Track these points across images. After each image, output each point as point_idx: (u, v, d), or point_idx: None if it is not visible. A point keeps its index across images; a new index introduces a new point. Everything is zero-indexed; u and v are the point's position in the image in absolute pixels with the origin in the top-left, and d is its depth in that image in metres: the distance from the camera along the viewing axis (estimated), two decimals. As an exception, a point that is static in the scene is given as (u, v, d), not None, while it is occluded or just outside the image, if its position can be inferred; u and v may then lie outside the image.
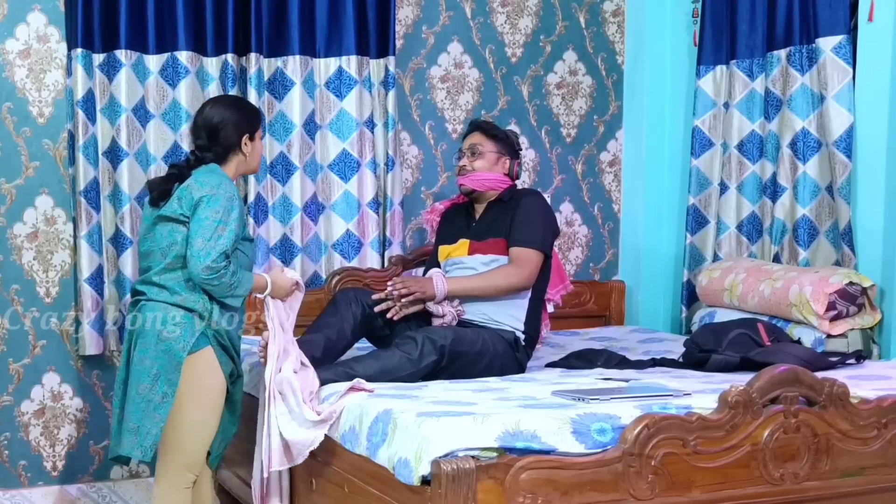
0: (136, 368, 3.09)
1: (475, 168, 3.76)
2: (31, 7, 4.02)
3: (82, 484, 4.18)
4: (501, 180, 3.77)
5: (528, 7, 4.76)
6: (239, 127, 3.25)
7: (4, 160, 4.02)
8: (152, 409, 3.06)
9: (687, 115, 4.69)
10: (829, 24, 3.93)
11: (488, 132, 3.81)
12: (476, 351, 3.45)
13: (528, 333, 3.66)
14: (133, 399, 3.08)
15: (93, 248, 4.03)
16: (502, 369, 3.50)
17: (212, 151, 3.23)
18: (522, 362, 3.62)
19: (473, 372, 3.42)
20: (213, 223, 3.05)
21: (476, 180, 3.75)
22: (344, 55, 4.34)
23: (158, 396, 3.06)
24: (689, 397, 2.87)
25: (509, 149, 3.82)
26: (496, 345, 3.52)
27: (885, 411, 2.86)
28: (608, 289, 4.89)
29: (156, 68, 4.11)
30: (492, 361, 3.48)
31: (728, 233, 4.47)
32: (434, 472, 2.45)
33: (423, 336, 3.36)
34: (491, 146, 3.78)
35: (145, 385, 3.06)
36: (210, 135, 3.23)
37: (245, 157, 3.27)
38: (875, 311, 3.78)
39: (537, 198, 3.78)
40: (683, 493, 2.63)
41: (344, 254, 4.39)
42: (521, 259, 3.60)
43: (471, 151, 3.78)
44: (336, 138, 4.37)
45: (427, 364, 3.32)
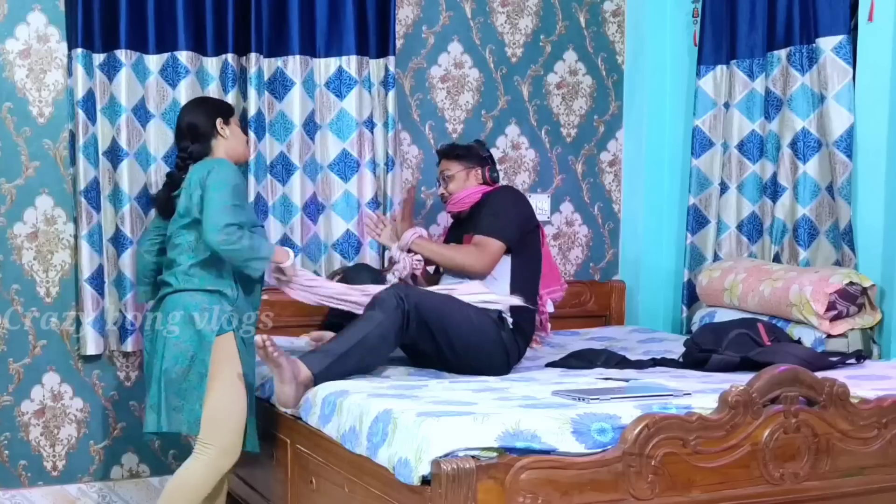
0: (172, 353, 3.27)
1: (451, 192, 3.94)
2: (31, 7, 4.02)
3: (82, 484, 4.18)
4: (479, 190, 3.91)
5: (528, 7, 4.76)
6: (210, 114, 3.47)
7: (4, 160, 4.02)
8: (192, 389, 3.27)
9: (687, 115, 4.69)
10: (829, 24, 3.94)
11: (450, 155, 3.99)
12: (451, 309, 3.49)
13: (515, 320, 3.67)
14: (174, 382, 3.28)
15: (93, 248, 4.03)
16: (485, 342, 3.52)
17: (196, 146, 3.43)
18: (508, 344, 3.60)
19: (456, 335, 3.45)
20: (221, 202, 3.23)
21: (457, 203, 3.94)
22: (344, 55, 4.34)
23: (196, 377, 3.27)
24: (689, 397, 2.87)
25: (476, 159, 3.96)
26: (479, 316, 3.54)
27: (885, 411, 2.86)
28: (608, 289, 4.89)
29: (156, 68, 4.11)
30: (473, 326, 3.50)
31: (728, 233, 4.47)
32: (434, 472, 2.45)
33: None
34: (457, 166, 3.94)
35: (182, 368, 3.27)
36: (190, 131, 3.46)
37: (225, 139, 3.46)
38: (875, 311, 3.78)
39: (506, 191, 3.93)
40: (683, 493, 2.63)
41: (344, 254, 4.39)
42: (480, 245, 3.71)
43: (443, 178, 3.98)
44: (336, 138, 4.37)
45: (390, 309, 3.34)
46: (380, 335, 3.33)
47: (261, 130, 4.24)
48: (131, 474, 4.24)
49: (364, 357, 3.33)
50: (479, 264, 3.68)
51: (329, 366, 3.26)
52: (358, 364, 3.32)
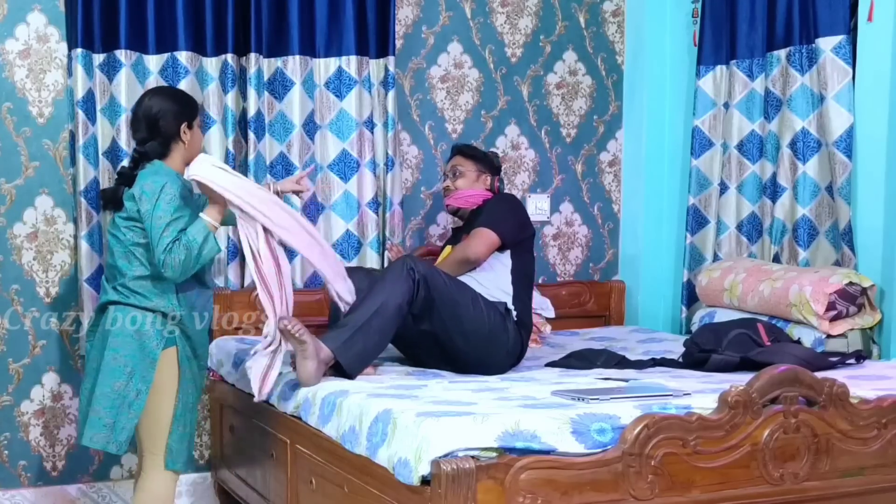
0: (110, 366, 3.19)
1: (457, 187, 3.99)
2: (31, 7, 4.02)
3: (82, 484, 4.18)
4: (482, 195, 3.96)
5: (528, 7, 4.76)
6: (177, 116, 3.30)
7: (4, 160, 4.02)
8: (127, 406, 3.19)
9: (687, 115, 4.69)
10: (829, 24, 3.93)
11: (467, 154, 4.06)
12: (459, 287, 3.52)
13: (518, 314, 3.70)
14: (107, 395, 3.19)
15: (93, 248, 4.04)
16: (494, 332, 3.54)
17: (153, 143, 3.29)
18: (513, 336, 3.61)
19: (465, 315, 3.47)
20: (160, 227, 3.12)
21: (459, 198, 3.97)
22: (344, 55, 4.34)
23: (133, 393, 3.18)
24: (689, 397, 2.87)
25: (489, 166, 4.05)
26: (487, 305, 3.58)
27: (885, 411, 2.86)
28: (608, 289, 4.89)
29: (156, 68, 4.11)
30: (480, 309, 3.52)
31: (728, 233, 4.47)
32: (434, 472, 2.45)
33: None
34: (471, 166, 4.01)
35: (120, 382, 3.18)
36: (149, 126, 3.29)
37: (185, 145, 3.32)
38: (875, 311, 3.78)
39: (504, 196, 4.03)
40: (683, 493, 2.63)
41: (344, 254, 4.39)
42: (473, 234, 3.76)
43: (452, 173, 4.03)
44: (336, 138, 4.37)
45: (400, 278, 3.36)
46: (396, 305, 3.35)
47: (260, 130, 4.24)
48: (131, 474, 4.24)
49: (382, 327, 3.34)
50: (471, 250, 3.72)
51: (349, 339, 3.28)
52: (378, 334, 3.33)
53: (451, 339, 3.50)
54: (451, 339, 3.50)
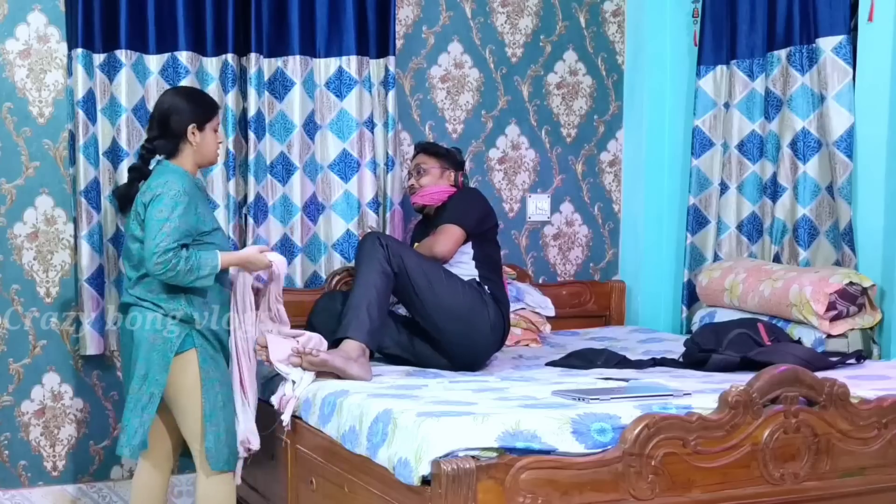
0: (129, 370, 3.23)
1: (422, 185, 4.04)
2: (31, 7, 4.02)
3: (82, 484, 4.18)
4: (447, 191, 4.00)
5: (528, 7, 4.76)
6: (188, 116, 3.30)
7: (4, 160, 4.02)
8: (140, 409, 3.19)
9: (687, 115, 4.69)
10: (829, 24, 3.93)
11: (430, 151, 4.10)
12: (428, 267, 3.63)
13: (491, 290, 3.77)
14: (128, 399, 3.22)
15: (93, 248, 4.03)
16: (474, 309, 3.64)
17: (162, 141, 3.31)
18: (493, 310, 3.69)
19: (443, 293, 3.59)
20: (158, 222, 3.13)
21: (424, 196, 4.03)
22: (344, 55, 4.34)
23: (146, 397, 3.18)
24: (689, 397, 2.87)
25: (452, 162, 4.10)
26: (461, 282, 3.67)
27: (885, 411, 2.86)
28: (608, 289, 4.89)
29: (156, 68, 4.11)
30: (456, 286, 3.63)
31: (728, 233, 4.47)
32: (434, 472, 2.45)
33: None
34: (434, 163, 4.05)
35: (135, 386, 3.20)
36: (160, 122, 3.31)
37: (193, 146, 3.32)
38: (875, 311, 3.78)
39: (467, 190, 4.06)
40: (683, 493, 2.63)
41: (344, 254, 4.39)
42: (440, 231, 3.82)
43: (416, 171, 4.07)
44: (336, 138, 4.37)
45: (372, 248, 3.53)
46: (381, 272, 3.51)
47: (261, 130, 4.24)
48: (131, 474, 4.23)
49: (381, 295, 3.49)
50: (438, 248, 3.77)
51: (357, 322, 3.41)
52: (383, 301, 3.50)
53: (435, 323, 3.60)
54: (434, 325, 3.61)
